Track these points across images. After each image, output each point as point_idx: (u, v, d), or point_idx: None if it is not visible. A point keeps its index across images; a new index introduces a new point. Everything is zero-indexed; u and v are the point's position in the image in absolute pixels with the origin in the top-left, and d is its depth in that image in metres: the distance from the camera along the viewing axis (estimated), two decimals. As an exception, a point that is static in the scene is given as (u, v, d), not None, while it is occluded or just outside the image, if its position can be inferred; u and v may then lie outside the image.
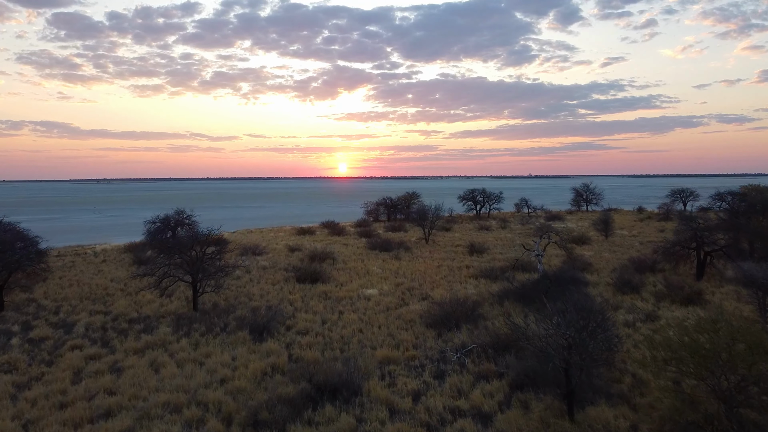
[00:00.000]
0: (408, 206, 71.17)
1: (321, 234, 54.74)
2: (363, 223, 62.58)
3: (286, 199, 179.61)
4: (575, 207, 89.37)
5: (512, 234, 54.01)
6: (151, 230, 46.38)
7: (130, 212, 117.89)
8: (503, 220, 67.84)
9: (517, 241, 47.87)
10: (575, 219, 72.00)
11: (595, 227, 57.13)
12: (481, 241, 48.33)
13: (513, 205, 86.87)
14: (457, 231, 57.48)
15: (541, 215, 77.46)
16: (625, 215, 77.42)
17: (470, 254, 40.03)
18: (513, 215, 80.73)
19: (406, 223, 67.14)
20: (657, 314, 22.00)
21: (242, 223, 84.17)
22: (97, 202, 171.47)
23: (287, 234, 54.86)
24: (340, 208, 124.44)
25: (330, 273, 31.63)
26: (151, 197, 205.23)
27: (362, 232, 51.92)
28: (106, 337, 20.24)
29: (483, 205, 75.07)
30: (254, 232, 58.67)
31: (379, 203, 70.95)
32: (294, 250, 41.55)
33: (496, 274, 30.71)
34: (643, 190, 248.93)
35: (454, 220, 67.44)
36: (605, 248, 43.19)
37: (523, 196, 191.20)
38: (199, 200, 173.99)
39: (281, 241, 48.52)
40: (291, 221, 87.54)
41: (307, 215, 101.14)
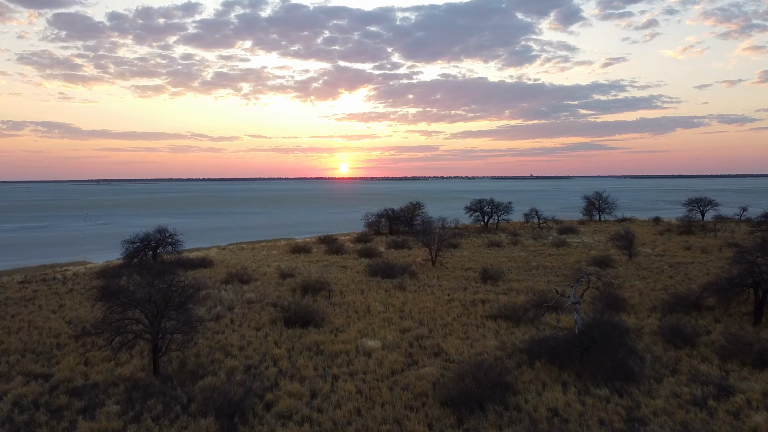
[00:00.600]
0: (411, 218, 66.79)
1: (317, 252, 50.32)
2: (363, 238, 58.21)
3: (286, 204, 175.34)
4: (587, 216, 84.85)
5: (526, 252, 49.56)
6: (129, 250, 41.91)
7: (121, 219, 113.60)
8: (513, 234, 63.39)
9: (533, 263, 43.43)
10: (590, 231, 67.55)
11: (615, 243, 52.71)
12: (493, 262, 43.91)
13: (522, 215, 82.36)
14: (465, 248, 53.05)
15: (552, 226, 73.04)
16: (642, 227, 72.93)
17: (483, 281, 35.62)
18: (522, 226, 76.30)
19: (409, 237, 62.74)
20: (730, 385, 17.55)
21: (236, 234, 79.76)
22: (91, 206, 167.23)
23: (281, 252, 50.46)
24: (339, 215, 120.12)
25: (324, 311, 27.25)
26: (146, 201, 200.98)
27: (363, 250, 47.52)
28: (33, 423, 15.82)
29: (491, 216, 70.64)
30: (246, 248, 54.29)
31: (380, 215, 66.56)
32: (286, 276, 37.14)
33: (518, 314, 26.29)
34: (649, 194, 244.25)
35: (460, 233, 63.01)
36: (632, 272, 38.76)
37: (527, 198, 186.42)
38: (195, 205, 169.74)
39: (273, 263, 44.12)
40: (288, 231, 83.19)
41: (305, 224, 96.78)
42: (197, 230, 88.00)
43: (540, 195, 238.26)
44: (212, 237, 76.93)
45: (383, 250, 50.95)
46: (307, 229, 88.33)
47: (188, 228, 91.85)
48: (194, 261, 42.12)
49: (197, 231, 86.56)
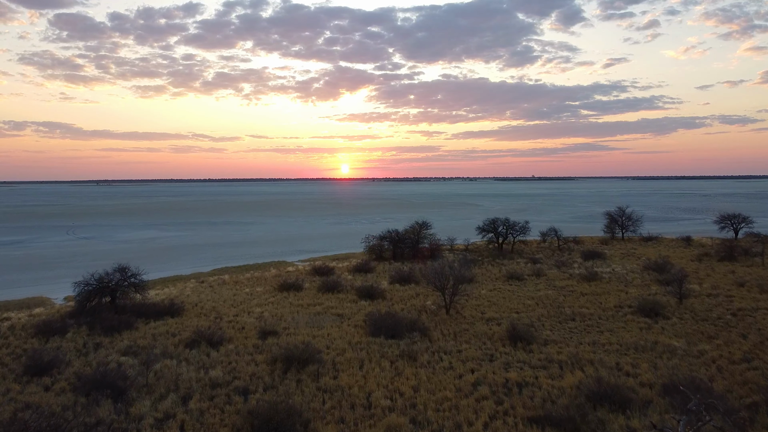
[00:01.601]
0: (417, 241, 59.73)
1: (310, 289, 43.16)
2: (363, 266, 51.11)
3: (284, 211, 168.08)
4: (608, 233, 77.61)
5: (554, 290, 42.41)
6: (82, 294, 34.89)
7: (107, 231, 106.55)
8: (533, 260, 56.23)
9: (567, 308, 36.29)
10: (617, 256, 60.38)
11: (655, 278, 45.62)
12: (518, 306, 36.82)
13: (538, 232, 75.16)
14: (481, 281, 45.90)
15: (573, 248, 65.90)
16: (673, 249, 65.71)
17: (512, 342, 28.54)
18: (539, 246, 69.14)
19: (415, 263, 55.65)
20: None
21: (225, 254, 72.63)
22: (81, 214, 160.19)
23: (268, 289, 43.28)
24: (339, 226, 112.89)
25: (309, 407, 20.22)
26: (140, 208, 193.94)
27: (362, 288, 40.34)
28: None
29: (505, 237, 63.48)
30: (228, 282, 47.13)
31: (383, 237, 59.45)
32: (267, 335, 30.05)
33: (572, 417, 19.20)
34: (659, 198, 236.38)
35: (474, 260, 55.81)
36: (691, 327, 31.62)
37: (534, 205, 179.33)
38: (190, 213, 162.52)
39: (256, 308, 37.00)
40: (282, 249, 75.94)
41: (301, 239, 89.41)
42: (185, 247, 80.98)
43: (546, 200, 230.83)
44: (199, 257, 69.85)
45: (386, 286, 43.85)
46: (304, 246, 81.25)
47: (176, 244, 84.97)
48: (160, 307, 35.07)
49: (184, 248, 79.55)
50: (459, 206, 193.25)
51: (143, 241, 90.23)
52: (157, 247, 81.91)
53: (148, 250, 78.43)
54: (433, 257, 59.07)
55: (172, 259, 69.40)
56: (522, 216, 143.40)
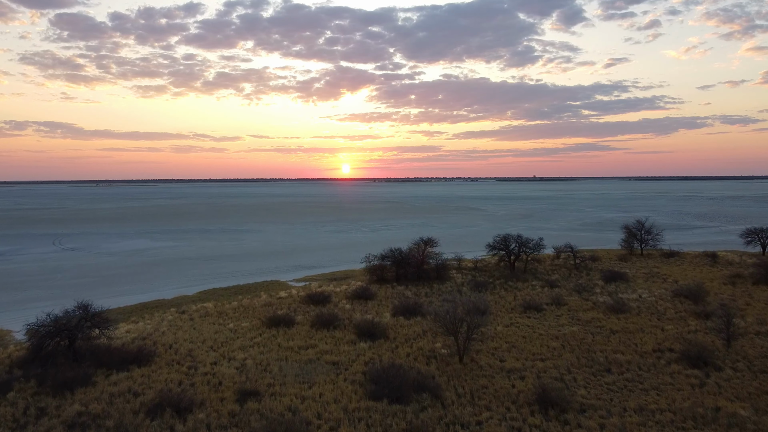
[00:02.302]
0: (422, 260, 54.70)
1: (302, 325, 38.11)
2: (364, 293, 46.09)
3: (282, 216, 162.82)
4: (626, 246, 72.47)
5: (579, 326, 37.36)
6: (35, 339, 29.95)
7: (96, 240, 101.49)
8: (549, 283, 51.17)
9: (599, 354, 31.30)
10: (640, 277, 55.33)
11: (692, 310, 40.66)
12: (542, 350, 31.83)
13: (551, 247, 70.08)
14: (497, 315, 40.85)
15: (591, 266, 60.87)
16: (700, 268, 60.62)
17: (542, 410, 23.56)
18: (554, 263, 64.08)
19: (420, 287, 50.67)
20: None
21: (216, 269, 67.54)
22: (73, 220, 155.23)
23: (254, 326, 38.19)
24: (339, 235, 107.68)
25: None
26: (135, 213, 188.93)
27: (362, 324, 35.26)
28: None
29: (518, 256, 58.41)
30: (211, 313, 42.07)
31: (385, 256, 54.41)
32: (248, 396, 25.07)
33: None
34: (665, 201, 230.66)
35: (485, 283, 50.68)
36: (753, 386, 26.64)
37: (538, 209, 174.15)
38: (186, 218, 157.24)
39: (238, 352, 31.98)
40: (277, 265, 70.67)
41: (298, 251, 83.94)
42: (173, 261, 75.87)
43: (551, 204, 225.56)
44: (187, 274, 64.80)
45: (388, 319, 38.84)
46: (300, 260, 76.19)
47: (164, 257, 79.63)
48: (126, 353, 30.10)
49: (173, 263, 74.44)
50: (462, 211, 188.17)
51: (131, 254, 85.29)
52: (143, 262, 76.95)
53: (133, 265, 73.48)
54: (439, 278, 54.15)
55: (158, 277, 64.47)
56: (528, 223, 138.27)
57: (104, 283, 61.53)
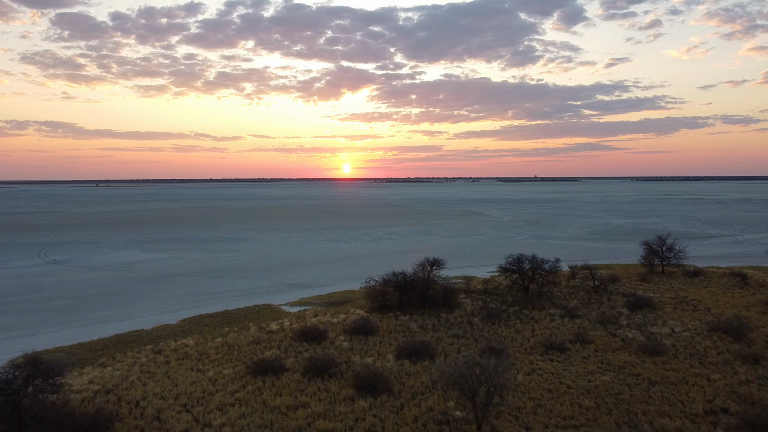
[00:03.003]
0: (427, 285, 49.83)
1: (295, 369, 33.25)
2: (363, 326, 41.19)
3: (281, 221, 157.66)
4: (646, 263, 67.50)
5: (612, 375, 32.46)
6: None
7: (85, 250, 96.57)
8: (569, 312, 46.26)
9: (639, 416, 26.44)
10: (668, 302, 50.40)
11: (741, 355, 35.79)
12: (575, 413, 26.95)
13: (566, 264, 65.19)
14: (515, 357, 35.94)
15: (612, 289, 55.95)
16: (730, 291, 55.66)
17: None
18: (569, 283, 59.14)
19: (427, 316, 45.80)
20: None
21: (204, 288, 62.44)
22: (65, 226, 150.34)
23: (238, 373, 33.29)
24: (339, 245, 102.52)
25: None
26: (131, 216, 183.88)
27: (362, 376, 30.36)
28: None
29: (532, 279, 53.44)
30: (191, 353, 37.16)
31: (387, 280, 49.52)
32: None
33: None
34: (672, 205, 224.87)
35: (498, 312, 45.67)
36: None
37: (544, 214, 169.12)
38: (182, 224, 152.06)
39: (216, 413, 27.14)
40: (271, 283, 65.42)
41: (295, 265, 78.38)
42: (162, 277, 70.85)
43: (556, 208, 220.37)
44: (174, 293, 59.83)
45: (392, 363, 33.98)
46: (296, 276, 71.13)
47: (153, 272, 74.15)
48: (81, 419, 25.24)
49: (161, 279, 69.43)
50: (465, 216, 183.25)
51: (118, 268, 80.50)
52: (129, 278, 72.16)
53: (118, 283, 68.68)
54: (447, 304, 49.28)
55: (142, 298, 59.65)
56: (534, 230, 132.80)
57: (83, 305, 56.76)
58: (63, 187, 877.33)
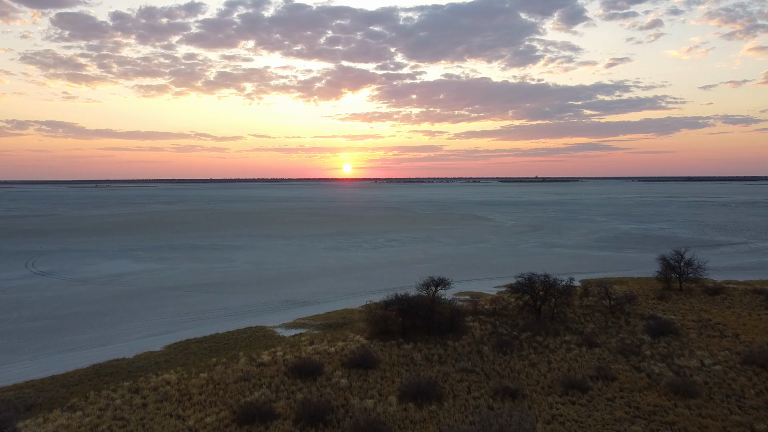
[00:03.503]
0: (431, 309, 46.24)
1: (286, 415, 29.68)
2: (363, 358, 37.60)
3: (280, 227, 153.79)
4: (662, 279, 63.79)
5: (643, 421, 28.87)
6: None
7: (75, 259, 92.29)
8: (586, 339, 42.63)
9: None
10: (692, 327, 46.78)
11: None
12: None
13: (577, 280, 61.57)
14: (532, 399, 32.32)
15: (629, 310, 52.33)
16: (756, 312, 52.01)
17: None
18: (583, 302, 55.52)
19: (432, 344, 42.20)
20: None
21: (195, 305, 58.52)
22: (58, 230, 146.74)
23: (222, 421, 29.69)
24: (338, 254, 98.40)
25: None
26: (126, 220, 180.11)
27: (361, 427, 26.80)
28: None
29: (545, 300, 49.84)
30: (172, 393, 33.53)
31: (389, 303, 45.94)
32: None
33: None
34: (677, 209, 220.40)
35: (510, 339, 42.00)
36: None
37: (548, 218, 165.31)
38: (178, 229, 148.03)
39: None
40: (267, 296, 61.47)
41: (291, 278, 73.93)
42: (152, 292, 66.48)
43: (559, 211, 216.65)
44: (162, 312, 55.74)
45: (394, 408, 30.39)
46: (292, 291, 67.25)
47: (143, 286, 67.56)
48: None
49: (151, 294, 65.03)
50: (468, 221, 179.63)
51: (106, 281, 76.94)
52: (117, 294, 68.59)
53: (105, 299, 65.12)
54: (453, 328, 45.71)
55: (127, 318, 56.05)
56: (540, 237, 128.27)
57: (64, 326, 53.21)
58: (63, 187, 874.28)
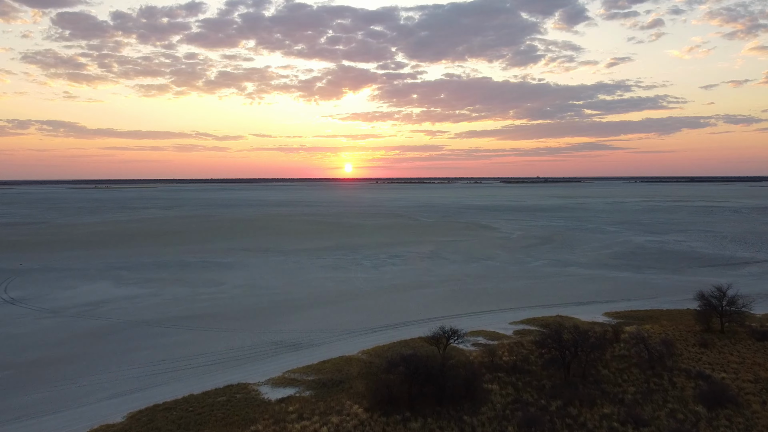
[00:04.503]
0: (443, 371, 39.02)
1: None
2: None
3: (276, 238, 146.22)
4: (702, 322, 56.30)
5: None
6: None
7: (54, 280, 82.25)
8: (630, 414, 35.37)
9: None
10: (750, 391, 39.53)
11: None
12: None
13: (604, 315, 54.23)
14: None
15: (669, 363, 45.04)
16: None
17: None
18: (616, 353, 48.22)
19: (445, 419, 34.93)
20: None
21: (170, 351, 50.73)
22: (45, 243, 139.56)
23: None
24: (336, 273, 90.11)
25: None
26: (118, 230, 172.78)
27: None
28: None
29: (575, 355, 42.62)
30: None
31: (393, 363, 38.72)
32: None
33: None
34: (686, 215, 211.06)
35: (535, 418, 34.68)
36: None
37: (556, 227, 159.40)
38: (169, 239, 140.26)
39: None
40: (256, 336, 53.56)
41: (284, 308, 64.74)
42: (128, 327, 58.38)
43: (567, 218, 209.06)
44: (131, 361, 47.73)
45: None
46: (285, 330, 59.68)
47: (119, 319, 58.22)
48: None
49: (126, 331, 56.87)
50: (473, 230, 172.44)
51: (82, 311, 69.88)
52: (90, 330, 61.50)
53: (74, 338, 58.01)
54: (469, 394, 38.50)
55: (93, 366, 48.87)
56: (551, 252, 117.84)
57: (17, 381, 46.17)
58: (62, 188, 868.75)
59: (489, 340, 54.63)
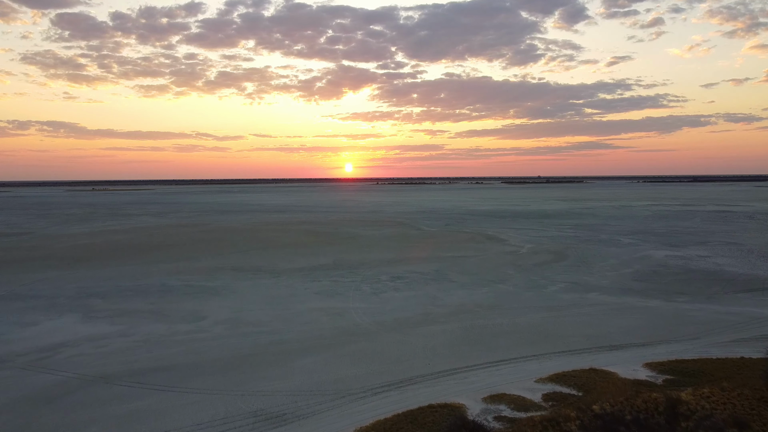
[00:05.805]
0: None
1: None
2: None
3: (269, 254, 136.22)
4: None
5: None
6: None
7: (14, 314, 73.52)
8: None
9: None
10: None
11: None
12: None
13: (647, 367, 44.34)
14: None
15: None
16: None
17: None
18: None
19: None
20: None
21: (121, 429, 41.58)
22: (20, 259, 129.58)
23: None
24: (331, 302, 79.03)
25: None
26: (104, 242, 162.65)
27: None
28: None
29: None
30: None
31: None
32: None
33: None
34: (701, 223, 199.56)
35: None
36: None
37: (565, 238, 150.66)
38: (156, 254, 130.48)
39: None
40: (228, 408, 42.43)
41: (269, 348, 53.54)
42: (78, 388, 47.56)
43: (577, 228, 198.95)
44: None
45: None
46: (267, 385, 49.48)
47: (74, 374, 46.25)
48: None
49: (75, 394, 45.92)
50: (479, 242, 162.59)
51: (33, 361, 60.08)
52: (31, 396, 51.56)
53: (8, 409, 48.07)
54: None
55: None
56: (566, 271, 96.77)
57: None
58: (60, 190, 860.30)
59: (514, 410, 44.87)
